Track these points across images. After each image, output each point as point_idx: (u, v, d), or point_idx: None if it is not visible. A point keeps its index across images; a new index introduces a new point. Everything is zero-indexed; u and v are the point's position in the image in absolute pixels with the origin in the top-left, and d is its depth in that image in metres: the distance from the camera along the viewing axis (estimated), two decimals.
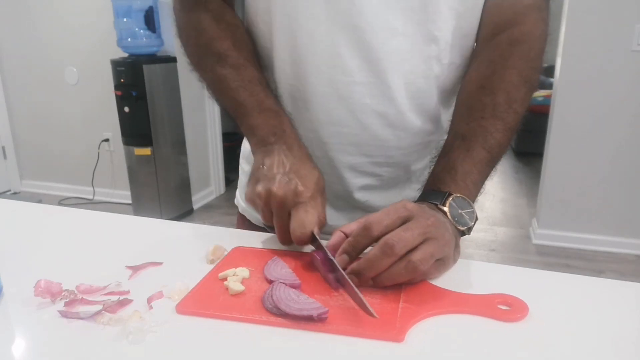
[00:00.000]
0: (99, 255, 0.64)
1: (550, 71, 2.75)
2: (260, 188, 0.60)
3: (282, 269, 0.56)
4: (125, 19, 2.98)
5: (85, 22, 3.37)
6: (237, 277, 0.54)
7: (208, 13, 0.70)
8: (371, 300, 0.50)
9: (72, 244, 0.68)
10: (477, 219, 0.60)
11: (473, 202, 0.61)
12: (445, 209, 0.58)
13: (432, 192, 0.61)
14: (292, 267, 0.57)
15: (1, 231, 0.74)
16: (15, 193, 3.98)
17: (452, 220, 0.57)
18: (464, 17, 0.66)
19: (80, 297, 0.52)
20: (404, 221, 0.52)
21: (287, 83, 0.71)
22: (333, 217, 0.78)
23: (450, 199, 0.58)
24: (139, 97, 2.97)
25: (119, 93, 3.00)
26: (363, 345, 0.44)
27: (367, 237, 0.52)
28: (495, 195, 3.90)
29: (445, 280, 0.55)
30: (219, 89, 0.69)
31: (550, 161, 2.80)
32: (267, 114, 0.66)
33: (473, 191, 0.62)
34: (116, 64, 2.97)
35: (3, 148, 3.89)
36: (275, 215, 0.60)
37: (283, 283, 0.51)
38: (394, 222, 0.52)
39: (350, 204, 0.77)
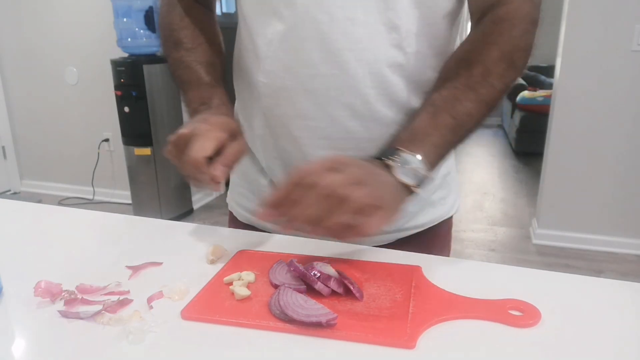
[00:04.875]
0: (99, 255, 0.64)
1: (550, 71, 2.75)
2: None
3: (287, 273, 0.55)
4: (125, 19, 2.98)
5: (85, 22, 3.37)
6: (242, 282, 0.54)
7: (177, 9, 0.78)
8: (380, 305, 0.50)
9: (72, 244, 0.68)
10: (427, 178, 0.59)
11: (431, 163, 0.60)
12: (390, 162, 0.57)
13: (384, 149, 0.60)
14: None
15: (1, 231, 0.74)
16: (15, 193, 3.98)
17: (395, 175, 0.57)
18: (426, 5, 0.66)
19: (80, 297, 0.52)
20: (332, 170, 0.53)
21: (262, 80, 0.72)
22: None
23: (398, 154, 0.58)
24: (139, 97, 2.96)
25: (119, 93, 3.00)
26: (373, 352, 0.43)
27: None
28: (495, 195, 3.90)
29: (449, 282, 0.55)
30: (173, 71, 0.77)
31: (550, 161, 2.80)
32: (202, 88, 0.72)
33: (431, 152, 0.60)
34: (116, 64, 2.97)
35: (3, 148, 3.89)
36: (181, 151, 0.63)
37: (289, 287, 0.51)
38: (319, 170, 0.53)
39: None
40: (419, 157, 0.58)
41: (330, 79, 0.67)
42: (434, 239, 0.82)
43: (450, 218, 0.85)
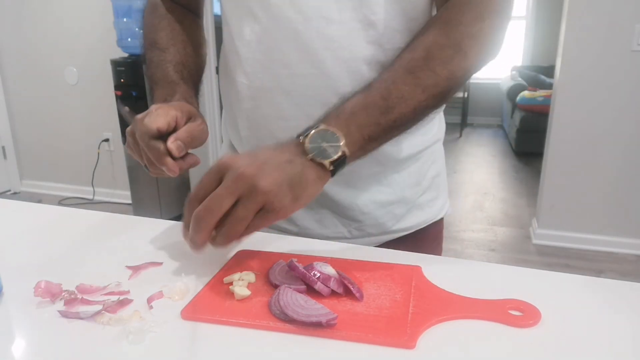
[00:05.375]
0: (99, 255, 0.64)
1: (550, 71, 2.75)
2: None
3: (287, 273, 0.55)
4: (125, 19, 2.98)
5: (85, 22, 3.37)
6: (242, 282, 0.54)
7: (158, 11, 0.78)
8: (380, 305, 0.50)
9: (72, 244, 0.68)
10: (345, 155, 0.56)
11: (353, 142, 0.57)
12: (306, 139, 0.55)
13: (306, 127, 0.57)
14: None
15: (1, 231, 0.74)
16: (15, 193, 3.98)
17: (309, 152, 0.55)
18: (406, 0, 0.65)
19: (80, 297, 0.52)
20: (220, 181, 0.53)
21: (243, 81, 0.72)
22: (299, 216, 0.77)
23: (314, 131, 0.56)
24: (139, 97, 2.96)
25: (119, 93, 3.00)
26: (373, 352, 0.43)
27: (191, 211, 0.53)
28: (495, 195, 3.90)
29: (449, 282, 0.55)
30: (146, 72, 0.75)
31: (550, 161, 2.80)
32: (168, 86, 0.70)
33: (354, 131, 0.57)
34: (116, 64, 2.97)
35: (3, 148, 3.89)
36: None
37: (289, 287, 0.51)
38: (209, 187, 0.53)
39: (316, 200, 0.73)
40: (337, 134, 0.56)
41: (307, 79, 0.67)
42: (423, 241, 0.81)
43: (441, 220, 0.85)
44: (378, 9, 0.64)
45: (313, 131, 0.56)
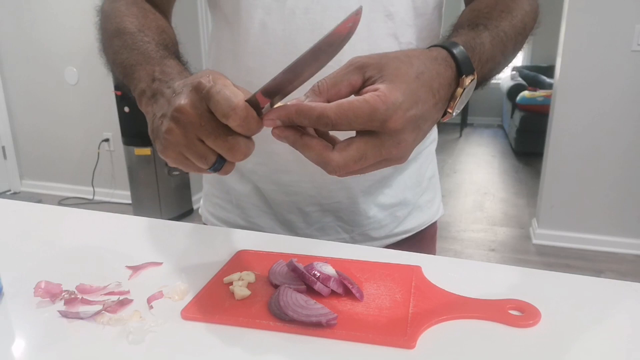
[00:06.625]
0: (99, 255, 0.64)
1: (550, 71, 2.75)
2: (164, 125, 0.46)
3: (287, 273, 0.55)
4: None
5: (85, 22, 3.37)
6: (242, 282, 0.54)
7: (121, 1, 0.68)
8: (380, 305, 0.50)
9: (72, 244, 0.68)
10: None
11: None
12: (455, 51, 0.49)
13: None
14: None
15: (1, 231, 0.74)
16: (15, 193, 3.98)
17: (456, 64, 0.49)
18: None
19: (80, 297, 0.52)
20: (358, 86, 0.47)
21: (250, 81, 0.69)
22: (300, 225, 0.75)
23: (469, 85, 0.52)
24: None
25: (119, 93, 3.00)
26: (373, 352, 0.43)
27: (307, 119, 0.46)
28: (495, 195, 3.90)
29: (449, 282, 0.55)
30: (113, 61, 0.63)
31: (550, 161, 2.81)
32: (152, 62, 0.56)
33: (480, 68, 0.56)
34: None
35: (3, 148, 3.89)
36: (194, 125, 0.44)
37: (289, 287, 0.51)
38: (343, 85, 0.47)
39: (321, 207, 0.74)
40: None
41: (324, 71, 0.66)
42: (421, 243, 0.81)
43: (435, 223, 0.85)
44: (396, 1, 0.64)
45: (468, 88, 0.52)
